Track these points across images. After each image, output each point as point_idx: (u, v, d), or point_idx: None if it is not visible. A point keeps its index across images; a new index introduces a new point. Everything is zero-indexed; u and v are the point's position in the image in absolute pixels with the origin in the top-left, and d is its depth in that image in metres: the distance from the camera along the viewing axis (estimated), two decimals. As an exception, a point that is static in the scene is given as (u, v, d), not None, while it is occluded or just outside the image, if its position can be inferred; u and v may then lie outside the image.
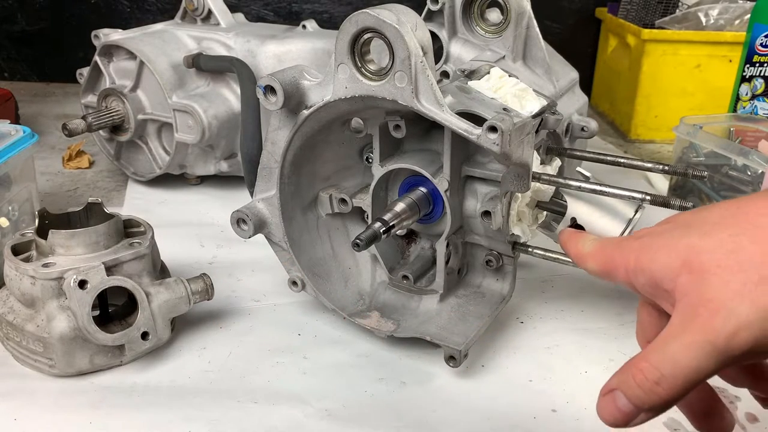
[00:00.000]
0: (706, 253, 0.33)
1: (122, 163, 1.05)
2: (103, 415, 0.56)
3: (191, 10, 1.05)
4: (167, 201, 1.00)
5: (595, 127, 0.78)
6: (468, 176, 0.63)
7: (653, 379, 0.33)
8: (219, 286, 0.71)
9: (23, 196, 0.78)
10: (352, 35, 0.53)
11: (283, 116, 0.60)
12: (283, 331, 0.69)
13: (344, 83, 0.55)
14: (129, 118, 0.98)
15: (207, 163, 1.01)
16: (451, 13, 0.80)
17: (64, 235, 0.60)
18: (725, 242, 0.33)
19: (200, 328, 0.69)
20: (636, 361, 0.34)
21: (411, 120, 0.61)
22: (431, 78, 0.52)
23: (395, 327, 0.65)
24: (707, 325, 0.31)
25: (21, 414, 0.56)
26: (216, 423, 0.56)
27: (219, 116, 0.95)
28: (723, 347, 0.31)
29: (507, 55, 0.75)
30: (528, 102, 0.63)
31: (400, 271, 0.67)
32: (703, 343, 0.31)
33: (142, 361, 0.63)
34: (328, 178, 0.68)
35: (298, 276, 0.67)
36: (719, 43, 1.30)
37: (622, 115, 1.43)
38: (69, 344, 0.58)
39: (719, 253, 0.32)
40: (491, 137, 0.50)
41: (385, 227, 0.58)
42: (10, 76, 1.64)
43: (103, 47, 0.98)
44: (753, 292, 0.31)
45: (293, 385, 0.61)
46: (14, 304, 0.61)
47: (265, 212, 0.65)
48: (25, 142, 0.77)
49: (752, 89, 1.05)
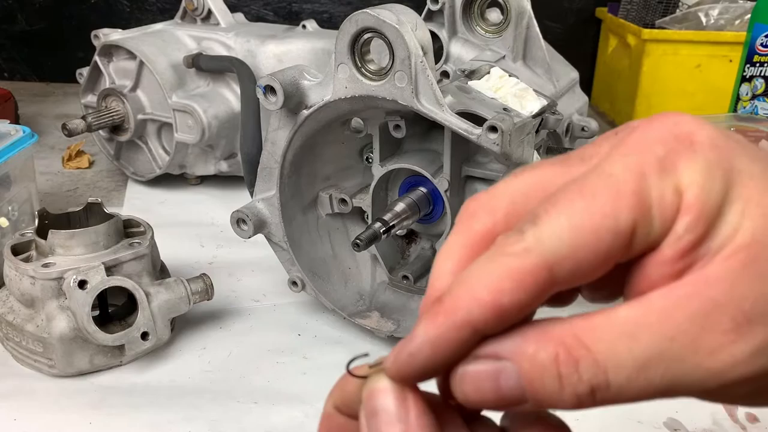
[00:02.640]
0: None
1: (122, 163, 1.05)
2: (103, 415, 0.56)
3: (191, 10, 1.04)
4: (167, 201, 1.00)
5: (595, 127, 0.78)
6: (468, 176, 0.63)
7: (589, 370, 0.21)
8: (219, 286, 0.71)
9: (23, 196, 0.78)
10: (352, 35, 0.53)
11: (282, 116, 0.60)
12: (283, 331, 0.69)
13: (344, 83, 0.55)
14: (129, 118, 0.98)
15: (207, 163, 1.01)
16: (451, 13, 0.80)
17: (64, 235, 0.60)
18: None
19: (200, 328, 0.69)
20: (559, 331, 0.22)
21: (411, 120, 0.61)
22: (431, 78, 0.52)
23: (395, 327, 0.65)
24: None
25: (21, 414, 0.56)
26: (216, 423, 0.56)
27: (219, 116, 0.95)
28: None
29: (507, 55, 0.75)
30: (528, 102, 0.63)
31: (400, 272, 0.67)
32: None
33: (142, 361, 0.63)
34: (328, 178, 0.68)
35: (298, 276, 0.67)
36: (719, 43, 1.30)
37: (622, 115, 1.43)
38: (69, 344, 0.58)
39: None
40: (491, 137, 0.50)
41: (385, 227, 0.58)
42: (10, 76, 1.64)
43: (103, 47, 0.98)
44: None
45: (293, 385, 0.61)
46: (14, 304, 0.61)
47: (265, 212, 0.65)
48: (25, 142, 0.77)
49: (752, 89, 1.05)
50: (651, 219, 0.22)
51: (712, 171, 0.22)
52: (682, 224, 0.22)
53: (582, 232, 0.21)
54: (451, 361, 0.23)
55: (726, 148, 0.23)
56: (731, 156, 0.22)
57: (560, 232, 0.22)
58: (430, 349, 0.22)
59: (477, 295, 0.22)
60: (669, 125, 0.23)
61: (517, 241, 0.22)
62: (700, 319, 0.21)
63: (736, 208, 0.22)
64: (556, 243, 0.21)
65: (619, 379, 0.21)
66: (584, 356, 0.21)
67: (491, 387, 0.22)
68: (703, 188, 0.22)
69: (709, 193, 0.22)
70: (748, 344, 0.21)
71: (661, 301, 0.21)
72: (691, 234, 0.22)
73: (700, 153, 0.22)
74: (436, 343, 0.22)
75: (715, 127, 0.23)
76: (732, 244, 0.21)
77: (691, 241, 0.22)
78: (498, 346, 0.22)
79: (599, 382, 0.21)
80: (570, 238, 0.21)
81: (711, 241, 0.22)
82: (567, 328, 0.22)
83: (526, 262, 0.21)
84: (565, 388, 0.21)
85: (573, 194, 0.22)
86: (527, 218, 0.22)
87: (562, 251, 0.21)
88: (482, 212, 0.25)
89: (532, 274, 0.21)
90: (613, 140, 0.24)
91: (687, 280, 0.22)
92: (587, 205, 0.22)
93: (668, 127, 0.23)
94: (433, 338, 0.22)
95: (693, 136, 0.23)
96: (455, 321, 0.22)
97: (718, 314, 0.21)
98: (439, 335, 0.22)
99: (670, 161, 0.22)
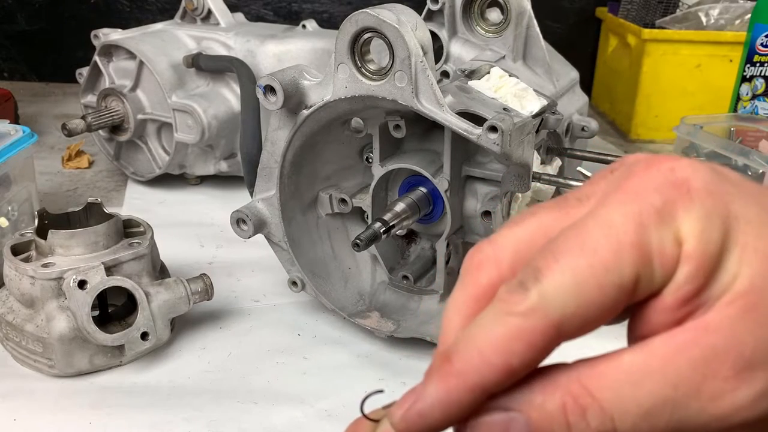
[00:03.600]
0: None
1: (122, 163, 1.05)
2: (102, 415, 0.56)
3: (191, 10, 1.04)
4: (167, 201, 1.00)
5: (595, 127, 0.78)
6: (468, 176, 0.63)
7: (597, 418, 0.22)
8: (219, 286, 0.71)
9: (23, 196, 0.78)
10: (352, 35, 0.53)
11: (282, 116, 0.60)
12: (283, 331, 0.69)
13: (344, 83, 0.55)
14: (128, 118, 0.98)
15: (207, 163, 1.01)
16: (451, 12, 0.80)
17: (64, 235, 0.60)
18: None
19: (200, 328, 0.69)
20: (565, 380, 0.22)
21: (411, 120, 0.61)
22: (431, 78, 0.52)
23: (395, 327, 0.65)
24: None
25: (20, 414, 0.56)
26: (216, 423, 0.56)
27: (219, 116, 0.95)
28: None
29: (507, 55, 0.75)
30: (528, 102, 0.63)
31: (400, 272, 0.67)
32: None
33: (142, 361, 0.63)
34: (328, 178, 0.68)
35: (298, 276, 0.67)
36: (720, 42, 1.30)
37: (622, 115, 1.43)
38: (68, 344, 0.58)
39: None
40: (491, 137, 0.50)
41: (385, 227, 0.58)
42: (10, 76, 1.64)
43: (103, 47, 0.98)
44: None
45: (293, 385, 0.61)
46: (14, 304, 0.61)
47: (264, 212, 0.65)
48: (25, 142, 0.77)
49: (753, 89, 1.05)
50: (652, 269, 0.22)
51: (710, 219, 0.22)
52: (683, 274, 0.22)
53: (586, 288, 0.22)
54: (458, 419, 0.23)
55: (722, 193, 0.23)
56: (728, 201, 0.23)
57: (565, 290, 0.22)
58: (440, 409, 0.22)
59: (487, 358, 0.22)
60: (665, 171, 0.23)
61: (521, 299, 0.22)
62: (702, 367, 0.21)
63: (734, 255, 0.22)
64: (561, 301, 0.22)
65: (625, 425, 0.21)
66: (591, 404, 0.21)
67: None
68: (702, 238, 0.22)
69: (708, 242, 0.22)
70: (749, 390, 0.21)
71: (663, 348, 0.22)
72: (691, 284, 0.22)
73: (697, 201, 0.22)
74: (447, 404, 0.22)
75: (712, 169, 0.23)
76: (731, 292, 0.22)
77: (691, 290, 0.22)
78: (507, 398, 0.23)
79: (606, 429, 0.22)
80: (575, 295, 0.22)
81: (711, 289, 0.22)
82: (573, 376, 0.22)
83: (534, 323, 0.22)
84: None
85: (574, 247, 0.22)
86: (529, 272, 0.22)
87: (569, 309, 0.22)
88: (488, 264, 0.25)
89: (540, 333, 0.22)
90: (611, 180, 0.24)
91: (688, 327, 0.22)
92: (589, 260, 0.22)
93: (665, 174, 0.23)
94: (445, 400, 0.22)
95: (689, 182, 0.23)
96: (467, 384, 0.22)
97: (719, 361, 0.21)
98: (451, 397, 0.22)
99: (668, 211, 0.22)
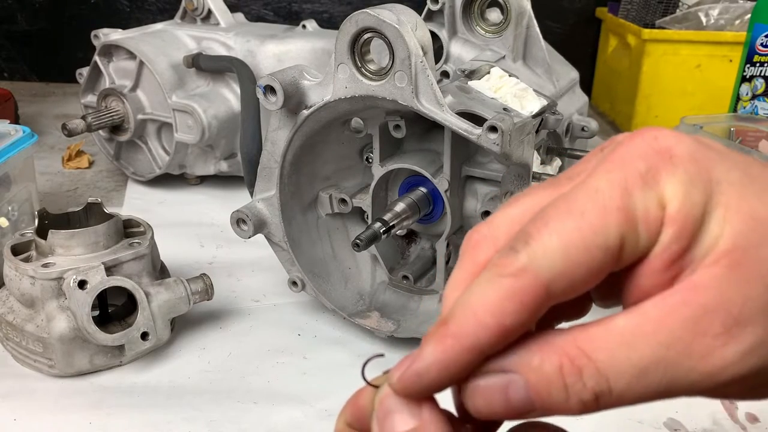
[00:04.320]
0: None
1: (122, 163, 1.05)
2: (102, 415, 0.56)
3: (191, 10, 1.04)
4: (167, 201, 1.00)
5: (595, 127, 0.78)
6: (468, 176, 0.63)
7: (593, 386, 0.22)
8: (219, 286, 0.71)
9: (23, 196, 0.78)
10: (352, 35, 0.53)
11: (282, 116, 0.60)
12: (283, 331, 0.69)
13: (344, 83, 0.55)
14: (129, 118, 0.98)
15: (207, 163, 1.01)
16: (451, 12, 0.80)
17: (64, 235, 0.60)
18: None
19: (200, 328, 0.69)
20: (562, 342, 0.23)
21: (411, 120, 0.61)
22: (431, 78, 0.52)
23: (395, 327, 0.65)
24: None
25: (21, 414, 0.56)
26: (216, 423, 0.56)
27: (219, 116, 0.95)
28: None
29: (507, 55, 0.75)
30: (528, 102, 0.63)
31: (400, 272, 0.67)
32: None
33: (142, 361, 0.63)
34: (328, 178, 0.68)
35: (298, 276, 0.67)
36: (719, 43, 1.30)
37: (622, 115, 1.43)
38: (69, 344, 0.58)
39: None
40: (491, 137, 0.50)
41: (385, 227, 0.58)
42: (10, 76, 1.64)
43: (103, 47, 0.98)
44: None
45: (293, 385, 0.61)
46: (14, 304, 0.61)
47: (264, 212, 0.65)
48: (25, 142, 0.77)
49: (753, 89, 1.05)
50: (638, 232, 0.23)
51: (692, 182, 0.23)
52: (667, 235, 0.23)
53: (574, 250, 0.22)
54: (456, 380, 0.24)
55: (705, 159, 0.24)
56: (710, 166, 0.23)
57: (553, 251, 0.22)
58: (437, 370, 0.23)
59: (481, 319, 0.23)
60: (649, 140, 0.24)
61: (512, 261, 0.23)
62: (692, 326, 0.22)
63: (717, 215, 0.23)
64: (550, 261, 0.22)
65: (620, 385, 0.22)
66: (587, 365, 0.22)
67: (501, 399, 0.23)
68: (685, 200, 0.23)
69: (691, 204, 0.23)
70: (738, 346, 0.22)
71: (654, 310, 0.22)
72: (676, 244, 0.23)
73: (680, 166, 0.23)
74: (444, 364, 0.23)
75: (695, 139, 0.24)
76: (715, 251, 0.22)
77: (676, 251, 0.23)
78: (505, 360, 0.23)
79: (602, 389, 0.22)
80: (563, 256, 0.22)
81: (696, 249, 0.23)
82: (569, 339, 0.23)
83: (524, 282, 0.22)
84: (571, 396, 0.22)
85: (562, 212, 0.23)
86: (520, 237, 0.23)
87: (557, 269, 0.22)
88: (485, 243, 0.26)
89: (531, 293, 0.22)
90: (600, 156, 0.25)
91: (677, 288, 0.23)
92: (577, 223, 0.23)
93: (648, 143, 0.24)
94: (441, 360, 0.23)
95: (672, 149, 0.24)
96: (462, 345, 0.23)
97: (709, 320, 0.22)
98: (448, 358, 0.23)
99: (652, 176, 0.23)
